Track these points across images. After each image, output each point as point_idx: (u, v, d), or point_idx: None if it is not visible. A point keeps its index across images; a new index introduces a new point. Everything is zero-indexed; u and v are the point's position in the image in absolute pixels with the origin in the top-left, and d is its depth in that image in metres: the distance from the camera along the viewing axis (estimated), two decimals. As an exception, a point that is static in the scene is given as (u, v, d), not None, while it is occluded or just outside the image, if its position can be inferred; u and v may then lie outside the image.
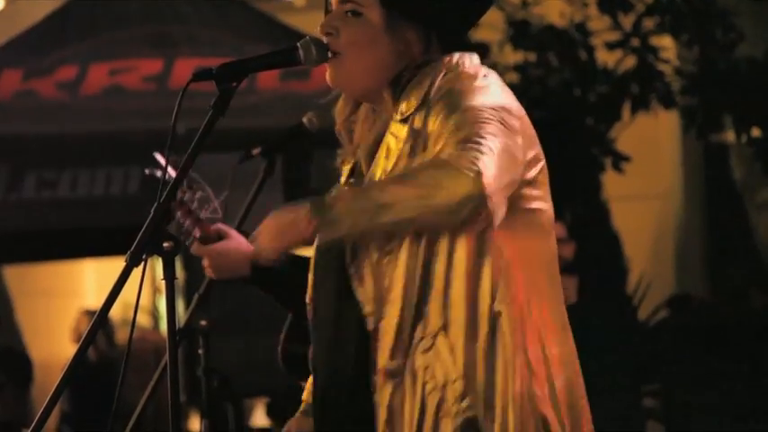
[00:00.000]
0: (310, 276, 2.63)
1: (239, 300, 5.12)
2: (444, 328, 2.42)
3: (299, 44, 2.59)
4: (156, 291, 11.18)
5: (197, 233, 3.41)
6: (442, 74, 2.51)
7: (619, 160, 7.40)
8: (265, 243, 2.43)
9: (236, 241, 3.39)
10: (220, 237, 3.44)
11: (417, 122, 2.47)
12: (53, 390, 2.39)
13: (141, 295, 2.47)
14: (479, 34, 7.36)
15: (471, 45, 7.32)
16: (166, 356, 2.50)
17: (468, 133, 2.33)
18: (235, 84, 2.52)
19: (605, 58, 7.48)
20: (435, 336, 2.42)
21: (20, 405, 5.76)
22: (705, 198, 9.61)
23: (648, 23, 7.34)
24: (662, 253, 9.89)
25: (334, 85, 2.58)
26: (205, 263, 3.42)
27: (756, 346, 6.86)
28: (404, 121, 2.49)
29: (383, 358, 2.45)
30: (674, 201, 10.14)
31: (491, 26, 7.02)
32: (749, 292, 7.81)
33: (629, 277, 7.64)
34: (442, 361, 2.41)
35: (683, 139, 9.01)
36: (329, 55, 2.54)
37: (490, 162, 2.29)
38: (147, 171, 3.55)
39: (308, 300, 2.64)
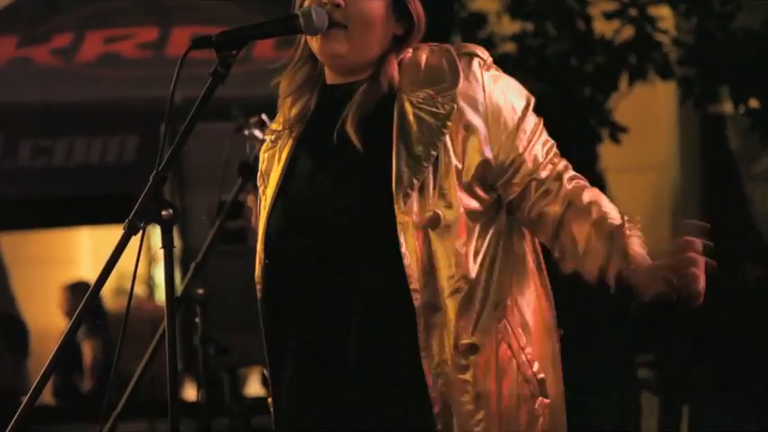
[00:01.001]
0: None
1: (236, 269, 5.11)
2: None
3: (299, 12, 2.58)
4: (151, 259, 11.17)
5: None
6: (470, 69, 2.61)
7: (616, 131, 7.38)
8: None
9: None
10: None
11: (443, 109, 2.56)
12: (48, 362, 2.38)
13: (138, 264, 2.47)
14: (476, 4, 7.32)
15: (469, 14, 7.30)
16: (164, 324, 2.49)
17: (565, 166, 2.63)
18: (234, 52, 2.51)
19: (603, 27, 7.46)
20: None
21: (18, 373, 5.77)
22: (702, 169, 9.60)
23: (646, -7, 7.32)
24: (658, 224, 9.88)
25: (338, 54, 2.60)
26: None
27: (750, 317, 6.86)
28: (425, 102, 2.57)
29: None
30: (671, 172, 10.12)
31: (489, -4, 7.00)
32: (744, 265, 7.82)
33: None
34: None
35: (680, 110, 8.98)
36: (335, 26, 2.57)
37: None
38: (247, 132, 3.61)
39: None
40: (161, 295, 2.38)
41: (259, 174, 2.76)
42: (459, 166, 2.56)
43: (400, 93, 2.60)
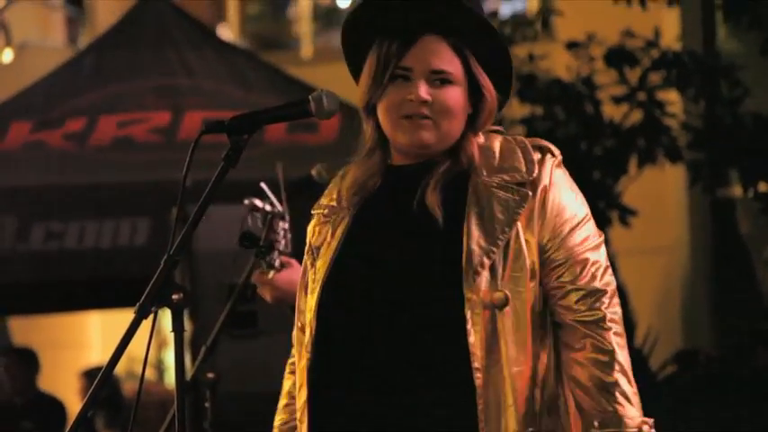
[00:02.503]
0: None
1: (247, 352, 5.11)
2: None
3: (310, 97, 2.61)
4: (161, 343, 11.16)
5: (277, 262, 3.47)
6: (543, 163, 2.73)
7: (625, 214, 7.39)
8: None
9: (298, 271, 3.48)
10: (283, 266, 3.54)
11: (518, 195, 2.66)
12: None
13: (150, 347, 2.47)
14: (486, 88, 7.38)
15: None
16: (174, 409, 2.49)
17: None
18: (246, 136, 2.53)
19: (612, 112, 7.50)
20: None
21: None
22: (711, 252, 9.59)
23: (655, 78, 7.36)
24: (669, 307, 9.86)
25: (423, 143, 2.66)
26: (264, 291, 3.53)
27: (764, 404, 6.82)
28: (500, 187, 2.66)
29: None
30: (681, 255, 10.11)
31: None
32: (756, 350, 7.79)
33: (637, 331, 7.62)
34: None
35: (690, 194, 9.00)
36: (422, 121, 2.64)
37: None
38: (246, 202, 3.62)
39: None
40: (171, 379, 2.38)
41: (307, 248, 2.78)
42: (526, 251, 2.63)
43: (475, 174, 2.68)
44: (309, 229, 2.79)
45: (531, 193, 2.65)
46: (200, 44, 7.33)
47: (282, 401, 2.92)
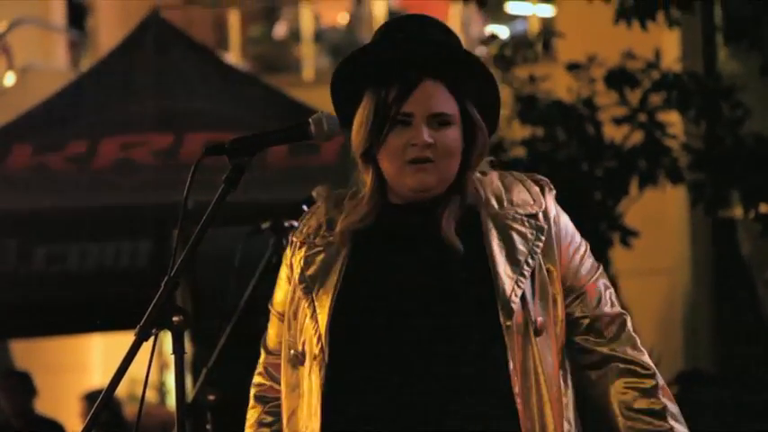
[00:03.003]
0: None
1: (248, 374, 5.10)
2: None
3: (310, 120, 2.62)
4: (162, 365, 11.15)
5: None
6: (545, 195, 2.78)
7: (627, 235, 7.40)
8: None
9: None
10: None
11: (534, 225, 2.72)
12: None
13: (150, 370, 2.47)
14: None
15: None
16: (175, 431, 2.49)
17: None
18: (247, 158, 2.54)
19: (612, 133, 7.51)
20: None
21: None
22: (713, 273, 9.59)
23: (655, 99, 7.38)
24: (670, 328, 9.85)
25: (428, 187, 2.69)
26: None
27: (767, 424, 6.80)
28: (515, 219, 2.72)
29: None
30: (683, 276, 10.11)
31: (499, 102, 7.04)
32: (759, 372, 7.78)
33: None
34: None
35: (691, 215, 9.01)
36: (425, 165, 2.66)
37: None
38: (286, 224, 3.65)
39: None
40: (172, 401, 2.38)
41: (297, 276, 2.75)
42: (548, 281, 2.70)
43: (485, 207, 2.73)
44: (296, 258, 2.77)
45: (546, 226, 2.71)
46: (201, 67, 7.34)
47: None
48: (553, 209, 2.76)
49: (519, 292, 2.63)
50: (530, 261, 2.67)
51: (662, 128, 7.37)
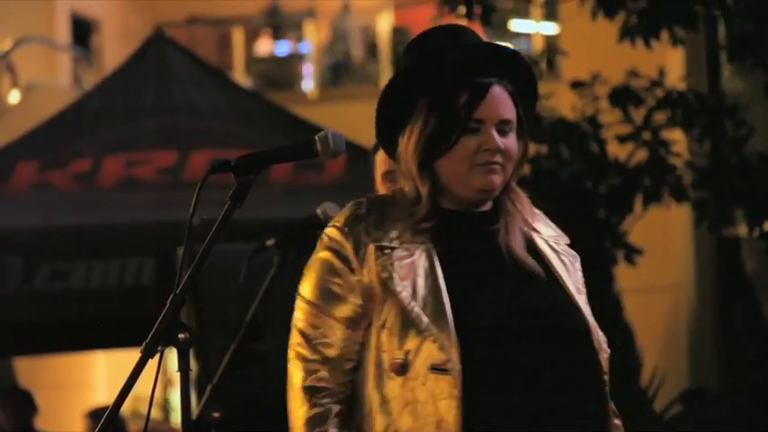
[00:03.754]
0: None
1: (254, 391, 5.10)
2: None
3: (316, 137, 2.62)
4: (167, 382, 11.14)
5: None
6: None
7: (631, 253, 7.39)
8: None
9: None
10: None
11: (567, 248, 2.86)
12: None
13: (156, 387, 2.47)
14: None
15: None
16: (180, 448, 2.49)
17: None
18: (253, 175, 2.54)
19: (616, 150, 7.51)
20: None
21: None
22: (717, 291, 9.58)
23: (659, 117, 7.38)
24: (675, 345, 9.84)
25: (495, 187, 2.75)
26: None
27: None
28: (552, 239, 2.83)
29: None
30: (687, 293, 10.10)
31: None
32: (764, 391, 7.77)
33: (643, 370, 7.60)
34: None
35: (695, 232, 9.02)
36: (494, 166, 2.72)
37: None
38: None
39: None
40: (177, 418, 2.37)
41: (389, 284, 2.67)
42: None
43: (530, 228, 2.81)
44: (372, 264, 2.69)
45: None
46: (205, 84, 7.36)
47: None
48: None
49: (591, 320, 2.73)
50: (580, 285, 2.79)
51: (666, 146, 7.37)
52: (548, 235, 2.82)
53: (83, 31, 19.62)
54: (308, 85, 17.01)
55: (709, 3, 6.97)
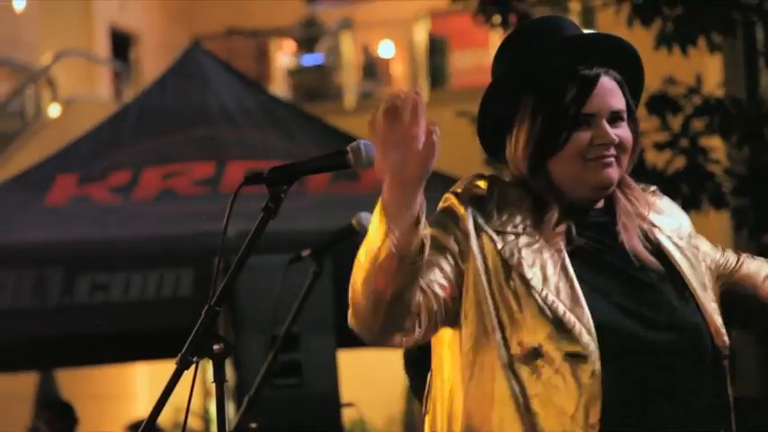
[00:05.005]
0: None
1: (290, 402, 5.11)
2: None
3: (348, 148, 2.61)
4: (206, 393, 11.16)
5: None
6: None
7: (670, 261, 7.35)
8: None
9: None
10: None
11: (690, 241, 2.77)
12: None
13: (192, 398, 2.47)
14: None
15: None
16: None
17: None
18: (286, 186, 2.54)
19: (654, 158, 7.48)
20: None
21: None
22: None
23: (697, 124, 7.35)
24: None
25: (612, 182, 2.64)
26: None
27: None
28: (674, 234, 2.73)
29: None
30: (727, 301, 10.02)
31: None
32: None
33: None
34: None
35: (735, 240, 8.95)
36: (608, 160, 2.62)
37: None
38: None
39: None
40: (215, 429, 2.38)
41: (513, 265, 2.57)
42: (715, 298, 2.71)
43: (647, 222, 2.70)
44: (492, 245, 2.58)
45: (697, 246, 2.76)
46: (242, 96, 7.39)
47: None
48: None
49: (719, 322, 2.64)
50: (709, 284, 2.69)
51: (704, 153, 7.34)
52: (670, 229, 2.71)
53: (122, 44, 19.74)
54: (346, 95, 17.04)
55: (747, 8, 6.95)
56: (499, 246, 2.57)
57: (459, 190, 2.64)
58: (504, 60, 2.72)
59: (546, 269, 2.56)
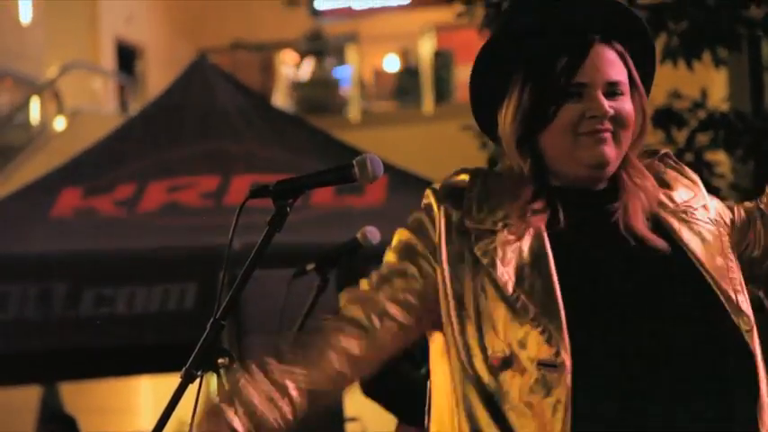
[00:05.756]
0: None
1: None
2: None
3: (354, 161, 2.60)
4: (211, 407, 11.14)
5: None
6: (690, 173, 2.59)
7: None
8: None
9: None
10: None
11: (707, 218, 2.49)
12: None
13: (196, 412, 2.47)
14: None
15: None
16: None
17: None
18: (291, 200, 2.54)
19: (660, 173, 7.48)
20: None
21: None
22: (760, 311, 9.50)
23: (702, 139, 7.35)
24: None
25: (608, 160, 2.42)
26: None
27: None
28: (686, 213, 2.48)
29: None
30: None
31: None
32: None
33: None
34: None
35: (740, 254, 8.95)
36: (604, 135, 2.41)
37: None
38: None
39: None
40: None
41: (487, 266, 2.40)
42: (735, 267, 2.44)
43: (661, 205, 2.47)
44: (466, 245, 2.41)
45: (716, 216, 2.51)
46: (248, 109, 7.40)
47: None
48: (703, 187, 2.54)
49: (742, 299, 2.38)
50: (726, 260, 2.41)
51: (709, 167, 7.33)
52: (682, 202, 2.47)
53: (127, 57, 19.79)
54: (351, 109, 17.07)
55: (752, 23, 6.94)
56: (473, 245, 2.40)
57: (437, 186, 2.49)
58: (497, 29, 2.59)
59: (522, 268, 2.36)
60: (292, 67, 18.54)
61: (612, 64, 2.43)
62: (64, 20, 17.73)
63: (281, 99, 17.61)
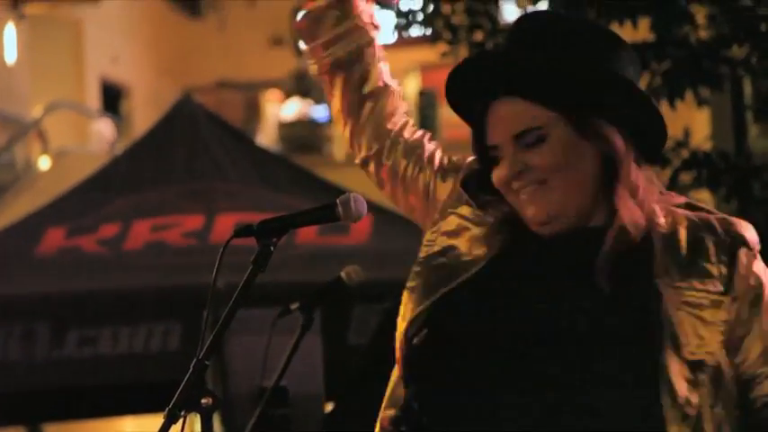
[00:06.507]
0: None
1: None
2: None
3: (337, 201, 2.62)
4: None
5: None
6: (744, 252, 2.42)
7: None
8: None
9: None
10: None
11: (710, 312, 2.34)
12: None
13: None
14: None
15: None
16: None
17: None
18: (275, 239, 2.55)
19: (644, 212, 7.49)
20: None
21: None
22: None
23: (685, 178, 7.37)
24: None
25: (549, 216, 2.32)
26: None
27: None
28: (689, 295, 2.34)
29: None
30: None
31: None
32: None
33: None
34: None
35: (725, 293, 8.97)
36: (531, 186, 2.31)
37: None
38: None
39: None
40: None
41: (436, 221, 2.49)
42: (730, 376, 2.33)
43: (656, 277, 2.33)
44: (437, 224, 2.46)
45: (731, 315, 2.36)
46: (232, 148, 7.40)
47: None
48: (746, 275, 2.36)
49: (695, 399, 2.24)
50: (711, 362, 2.28)
51: (693, 206, 7.35)
52: (686, 283, 2.32)
53: (113, 97, 19.81)
54: (336, 148, 17.09)
55: (735, 63, 6.98)
56: (440, 227, 2.47)
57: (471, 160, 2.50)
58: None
59: (458, 247, 2.38)
60: (277, 106, 18.58)
61: (516, 115, 2.31)
62: (49, 59, 17.75)
63: (266, 138, 17.63)
